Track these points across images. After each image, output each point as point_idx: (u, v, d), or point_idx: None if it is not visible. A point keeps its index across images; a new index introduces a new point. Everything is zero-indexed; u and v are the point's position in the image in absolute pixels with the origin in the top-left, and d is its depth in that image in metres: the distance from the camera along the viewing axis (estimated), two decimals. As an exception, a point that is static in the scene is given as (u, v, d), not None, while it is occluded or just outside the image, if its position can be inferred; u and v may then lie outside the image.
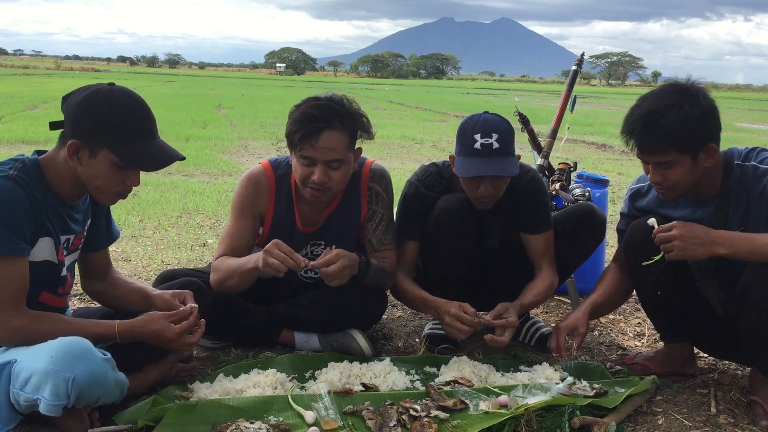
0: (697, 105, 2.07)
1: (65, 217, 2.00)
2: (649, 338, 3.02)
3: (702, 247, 2.09)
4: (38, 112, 15.00)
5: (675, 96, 2.09)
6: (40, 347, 1.83)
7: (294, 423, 1.99)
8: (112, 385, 1.86)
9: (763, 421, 2.15)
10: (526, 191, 2.59)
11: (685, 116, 2.04)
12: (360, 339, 2.56)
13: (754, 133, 17.06)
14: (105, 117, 1.86)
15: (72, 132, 1.89)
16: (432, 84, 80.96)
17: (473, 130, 2.41)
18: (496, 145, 2.38)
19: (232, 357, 2.55)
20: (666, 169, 2.13)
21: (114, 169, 1.90)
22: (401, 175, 7.84)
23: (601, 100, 37.77)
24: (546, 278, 2.61)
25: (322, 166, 2.37)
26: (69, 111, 1.90)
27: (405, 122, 16.98)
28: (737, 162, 2.19)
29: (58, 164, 1.93)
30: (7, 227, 1.80)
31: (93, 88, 1.91)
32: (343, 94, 2.46)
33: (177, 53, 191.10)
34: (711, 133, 2.10)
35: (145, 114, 1.94)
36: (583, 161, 9.66)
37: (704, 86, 2.15)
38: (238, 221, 2.55)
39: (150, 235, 4.63)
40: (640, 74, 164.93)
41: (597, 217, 2.65)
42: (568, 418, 2.03)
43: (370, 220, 2.61)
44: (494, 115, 2.48)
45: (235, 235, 2.53)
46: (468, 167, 2.40)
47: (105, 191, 1.96)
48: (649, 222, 2.24)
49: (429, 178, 2.63)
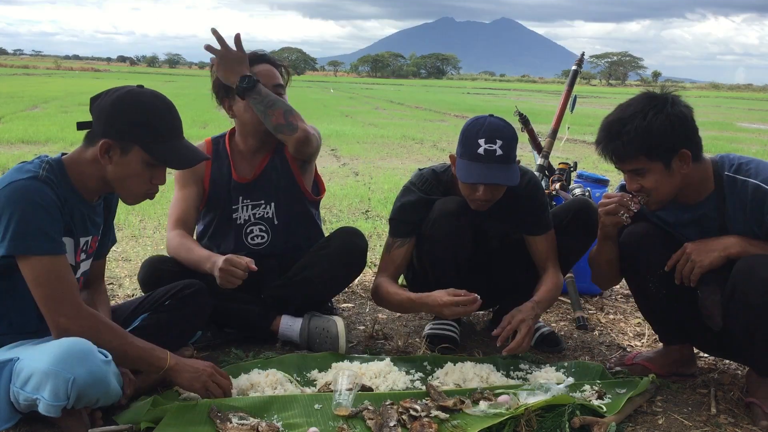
0: (662, 112, 2.08)
1: (86, 218, 2.04)
2: (649, 338, 3.02)
3: (715, 252, 2.14)
4: (38, 112, 15.01)
5: (641, 104, 2.12)
6: (43, 347, 1.85)
7: (295, 422, 2.00)
8: (112, 387, 1.86)
9: (763, 421, 2.15)
10: (525, 193, 2.58)
11: (648, 123, 2.07)
12: (340, 325, 2.58)
13: (754, 132, 17.04)
14: (137, 116, 1.93)
15: (104, 131, 1.93)
16: (432, 84, 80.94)
17: (477, 134, 2.39)
18: (500, 152, 2.36)
19: (232, 357, 2.55)
20: (640, 176, 2.15)
21: (144, 168, 1.96)
22: (401, 174, 7.84)
23: (601, 100, 37.70)
24: (553, 277, 2.60)
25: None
26: (100, 111, 1.95)
27: (405, 122, 16.97)
28: (727, 173, 2.17)
29: (84, 164, 1.97)
30: (48, 228, 1.84)
31: (124, 89, 1.97)
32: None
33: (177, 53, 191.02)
34: (680, 139, 2.10)
35: (174, 114, 2.02)
36: (583, 161, 9.65)
37: (677, 94, 2.16)
38: (182, 190, 2.70)
39: (150, 235, 4.63)
40: (640, 74, 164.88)
41: (592, 211, 2.65)
42: (568, 418, 2.03)
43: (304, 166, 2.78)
44: (499, 119, 2.45)
45: (182, 204, 2.68)
46: (470, 172, 2.39)
47: (134, 190, 2.01)
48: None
49: (426, 183, 2.62)
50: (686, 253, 2.19)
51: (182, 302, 2.30)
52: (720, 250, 2.14)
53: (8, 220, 1.81)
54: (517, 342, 2.34)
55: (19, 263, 1.84)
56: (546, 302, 2.55)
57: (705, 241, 2.18)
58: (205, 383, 2.02)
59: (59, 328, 1.86)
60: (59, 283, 1.85)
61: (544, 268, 2.64)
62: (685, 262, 2.19)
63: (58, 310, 1.85)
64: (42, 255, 1.83)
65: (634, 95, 2.21)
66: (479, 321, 3.18)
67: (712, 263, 2.15)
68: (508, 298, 2.74)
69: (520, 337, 2.34)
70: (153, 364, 1.98)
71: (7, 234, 1.81)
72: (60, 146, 9.12)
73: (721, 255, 2.14)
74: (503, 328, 2.37)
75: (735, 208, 2.16)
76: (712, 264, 2.15)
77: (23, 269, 1.84)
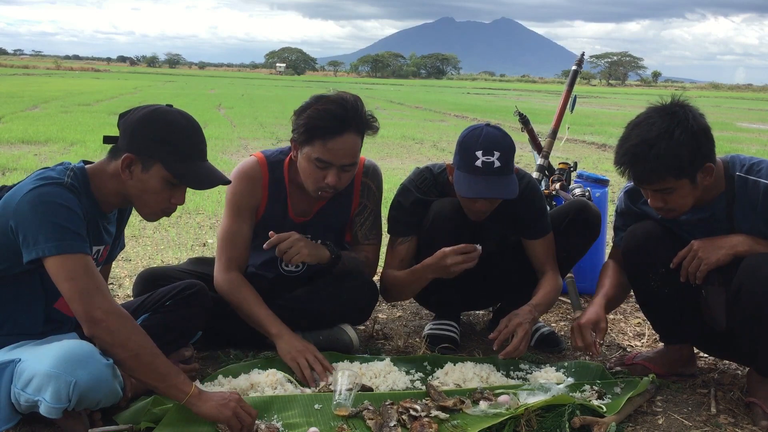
0: (687, 129, 2.04)
1: (101, 228, 2.05)
2: (649, 338, 3.02)
3: (722, 249, 2.14)
4: (38, 112, 15.01)
5: (665, 123, 2.06)
6: (45, 348, 1.85)
7: (295, 422, 2.00)
8: (113, 389, 1.86)
9: (763, 421, 2.15)
10: (523, 197, 2.54)
11: (677, 144, 2.02)
12: (349, 330, 2.57)
13: (754, 132, 17.05)
14: (161, 134, 1.94)
15: (128, 146, 1.95)
16: (432, 84, 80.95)
17: (474, 146, 2.35)
18: (498, 163, 2.33)
19: (232, 357, 2.55)
20: (666, 194, 2.12)
21: (164, 185, 1.96)
22: (401, 175, 7.84)
23: (601, 100, 37.74)
24: (552, 280, 2.59)
25: (336, 170, 2.36)
26: (126, 126, 1.97)
27: (405, 122, 16.97)
28: (739, 174, 2.17)
29: (106, 176, 1.98)
30: (77, 227, 1.84)
31: (152, 107, 1.99)
32: (356, 95, 2.43)
33: (177, 53, 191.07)
34: (705, 153, 2.09)
35: (198, 135, 2.02)
36: (583, 161, 9.66)
37: (690, 104, 2.12)
38: (235, 220, 2.53)
39: (150, 235, 4.63)
40: (640, 74, 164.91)
41: (591, 213, 2.64)
42: (568, 418, 2.03)
43: (359, 214, 2.63)
44: (496, 129, 2.41)
45: (236, 238, 2.52)
46: (468, 186, 2.36)
47: (151, 207, 2.01)
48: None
49: (424, 184, 2.61)
50: (693, 250, 2.19)
51: (183, 303, 2.30)
52: (728, 248, 2.14)
53: (38, 225, 1.80)
54: (514, 345, 2.32)
55: (47, 263, 1.82)
56: (544, 305, 2.54)
57: (712, 239, 2.18)
58: (235, 409, 1.87)
59: (93, 321, 1.81)
60: (92, 278, 1.83)
61: (542, 271, 2.62)
62: (692, 259, 2.18)
63: (93, 303, 1.81)
64: (74, 253, 1.82)
65: (645, 110, 2.15)
66: (479, 321, 3.18)
67: (719, 261, 2.15)
68: (508, 297, 2.75)
69: (516, 341, 2.33)
70: (177, 385, 1.86)
71: (39, 238, 1.79)
72: (60, 146, 9.12)
73: (728, 253, 2.14)
74: (500, 332, 2.36)
75: (744, 208, 2.16)
76: (719, 261, 2.15)
77: (53, 269, 1.81)
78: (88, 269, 1.83)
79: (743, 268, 2.10)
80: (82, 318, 1.83)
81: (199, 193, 6.22)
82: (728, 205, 2.18)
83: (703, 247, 2.17)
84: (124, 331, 1.83)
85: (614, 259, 2.53)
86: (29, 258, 1.80)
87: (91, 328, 1.82)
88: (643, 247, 2.32)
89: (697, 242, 2.19)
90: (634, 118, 2.16)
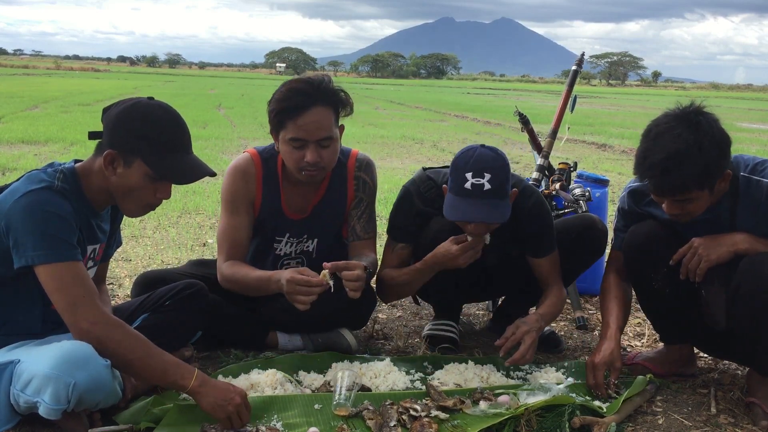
0: (714, 141, 2.02)
1: (95, 227, 2.04)
2: (649, 338, 3.02)
3: (723, 247, 2.14)
4: (38, 112, 15.00)
5: (691, 135, 2.01)
6: (44, 349, 1.85)
7: (295, 423, 2.00)
8: (112, 390, 1.86)
9: (763, 421, 2.15)
10: (530, 215, 2.49)
11: (708, 157, 2.00)
12: (347, 334, 2.57)
13: (754, 132, 17.05)
14: (141, 129, 1.91)
15: (109, 142, 1.93)
16: (432, 84, 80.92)
17: (465, 167, 2.26)
18: (488, 186, 2.23)
19: (232, 357, 2.55)
20: (686, 203, 2.10)
21: (146, 181, 1.93)
22: (402, 175, 7.84)
23: (601, 100, 37.73)
24: (557, 293, 2.56)
25: (313, 146, 2.35)
26: (108, 122, 1.94)
27: (405, 122, 16.97)
28: (743, 174, 2.17)
29: (93, 173, 1.97)
30: (67, 235, 1.83)
31: (132, 101, 1.96)
32: (324, 74, 2.43)
33: (177, 53, 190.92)
34: (727, 162, 2.08)
35: (180, 128, 1.98)
36: (583, 161, 9.66)
37: (707, 110, 2.09)
38: (233, 217, 2.52)
39: (150, 235, 4.63)
40: (640, 74, 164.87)
41: (599, 230, 2.61)
42: (568, 418, 2.03)
43: (356, 208, 2.62)
44: (489, 150, 2.31)
45: (234, 234, 2.52)
46: (455, 209, 2.29)
47: (135, 202, 1.98)
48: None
49: (429, 192, 2.54)
50: (693, 247, 2.18)
51: (183, 303, 2.30)
52: (728, 246, 2.14)
53: (27, 232, 1.80)
54: (521, 353, 2.30)
55: (37, 271, 1.82)
56: (550, 316, 2.51)
57: (713, 237, 2.18)
58: (230, 414, 1.86)
59: (80, 331, 1.82)
60: (80, 288, 1.83)
61: (547, 284, 2.58)
62: (692, 257, 2.18)
63: (80, 315, 1.81)
64: (63, 261, 1.82)
65: (663, 116, 2.11)
66: (479, 321, 3.18)
67: (719, 258, 2.15)
68: (509, 292, 2.74)
69: (524, 348, 2.31)
70: (176, 381, 1.86)
71: (27, 245, 1.79)
72: (60, 146, 9.12)
73: (729, 250, 2.14)
74: (507, 339, 2.34)
75: (747, 208, 2.16)
76: (719, 259, 2.15)
77: (43, 277, 1.82)
78: (77, 277, 1.83)
79: (743, 268, 2.10)
80: (70, 328, 1.84)
81: (199, 192, 6.21)
82: (732, 205, 2.18)
83: (703, 245, 2.17)
84: (113, 339, 1.83)
85: (615, 271, 2.49)
86: (19, 265, 1.81)
87: (80, 338, 1.83)
88: (645, 247, 2.32)
89: (697, 239, 2.19)
90: (652, 125, 2.11)
